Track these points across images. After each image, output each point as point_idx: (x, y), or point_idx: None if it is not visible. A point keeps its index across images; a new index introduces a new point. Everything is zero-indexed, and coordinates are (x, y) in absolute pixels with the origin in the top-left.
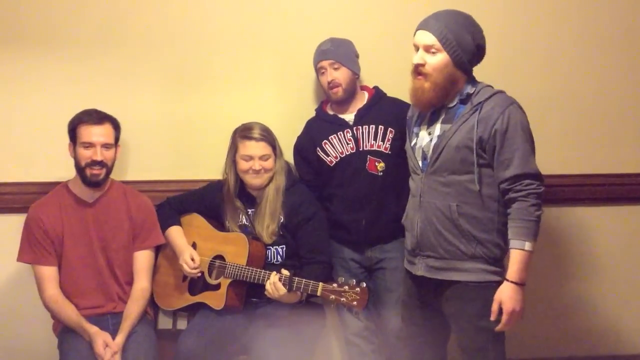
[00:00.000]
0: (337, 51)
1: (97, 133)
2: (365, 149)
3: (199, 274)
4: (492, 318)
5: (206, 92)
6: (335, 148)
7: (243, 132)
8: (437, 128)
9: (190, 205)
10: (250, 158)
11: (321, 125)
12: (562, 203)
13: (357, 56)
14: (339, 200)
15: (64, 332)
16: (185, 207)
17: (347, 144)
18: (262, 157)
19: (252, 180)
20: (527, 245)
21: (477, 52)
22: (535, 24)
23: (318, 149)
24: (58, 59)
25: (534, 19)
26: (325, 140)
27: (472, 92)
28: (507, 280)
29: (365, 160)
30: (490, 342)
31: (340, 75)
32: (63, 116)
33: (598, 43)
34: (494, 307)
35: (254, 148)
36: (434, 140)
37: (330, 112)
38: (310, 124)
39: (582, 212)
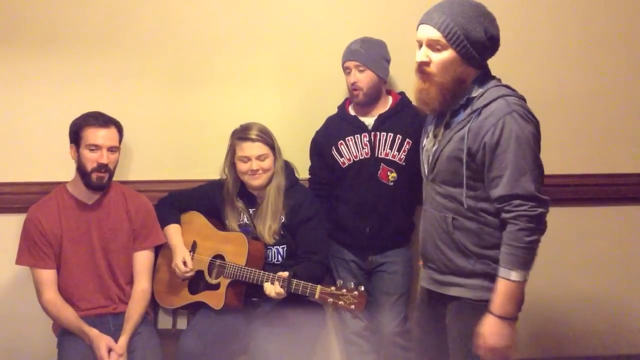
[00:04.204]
0: (366, 53)
1: (103, 136)
2: (380, 156)
3: (192, 275)
4: (475, 352)
5: (206, 92)
6: (350, 150)
7: (240, 134)
8: (441, 131)
9: (191, 203)
10: (248, 159)
11: (340, 125)
12: (562, 203)
13: (387, 60)
14: (346, 203)
15: (64, 332)
16: (185, 205)
17: (363, 148)
18: (259, 158)
19: (251, 182)
20: (514, 275)
21: (490, 44)
22: (535, 24)
23: (333, 148)
24: (58, 58)
25: (534, 19)
26: (341, 141)
27: (475, 94)
28: (490, 312)
29: (378, 168)
30: None
31: (364, 78)
32: (63, 116)
33: (598, 43)
34: (477, 342)
35: (250, 149)
36: (435, 145)
37: (352, 113)
38: (330, 121)
39: (582, 212)
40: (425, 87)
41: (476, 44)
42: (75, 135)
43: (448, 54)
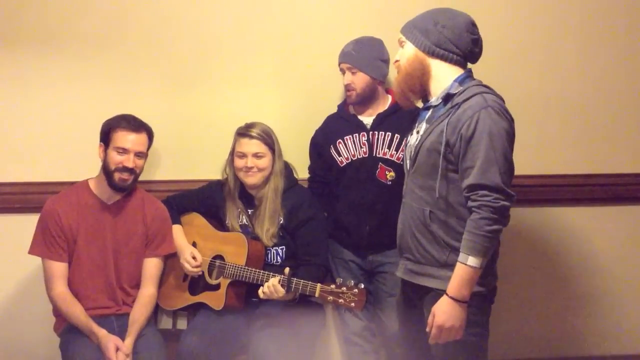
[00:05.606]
0: (357, 55)
1: (132, 140)
2: (378, 155)
3: (200, 273)
4: (427, 329)
5: (207, 92)
6: (349, 149)
7: (241, 130)
8: (423, 127)
9: (190, 205)
10: (244, 155)
11: (339, 123)
12: (562, 203)
13: (384, 60)
14: (344, 202)
15: (67, 332)
16: (185, 206)
17: (361, 147)
18: (255, 155)
19: (245, 179)
20: (471, 260)
21: (448, 34)
22: (535, 24)
23: (332, 146)
24: (58, 58)
25: (534, 19)
26: (339, 140)
27: (456, 91)
28: (446, 293)
29: (376, 167)
30: (463, 355)
31: (357, 79)
32: (63, 116)
33: (598, 43)
34: (429, 319)
35: (247, 145)
36: (417, 140)
37: (351, 112)
38: (329, 120)
39: (582, 212)
40: (397, 79)
41: (427, 33)
42: (106, 135)
43: (407, 45)
